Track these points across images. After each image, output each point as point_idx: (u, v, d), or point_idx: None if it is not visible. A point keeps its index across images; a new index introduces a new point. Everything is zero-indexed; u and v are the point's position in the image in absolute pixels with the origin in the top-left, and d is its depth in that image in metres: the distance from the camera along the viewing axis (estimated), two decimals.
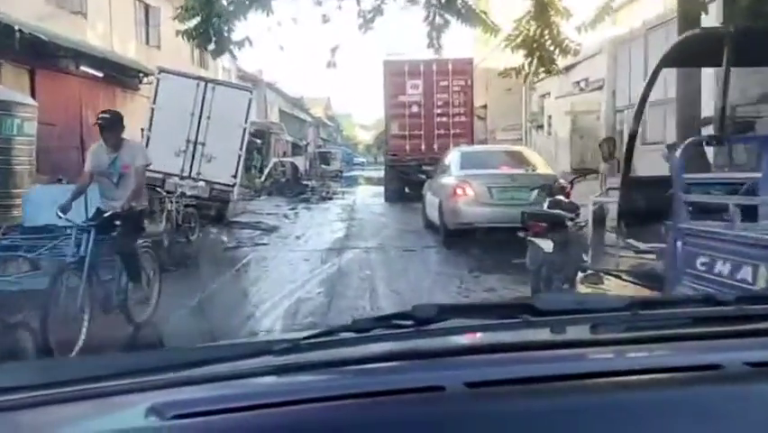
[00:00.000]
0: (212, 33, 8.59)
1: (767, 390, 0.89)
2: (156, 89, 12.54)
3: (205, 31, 8.53)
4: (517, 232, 6.22)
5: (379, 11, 8.95)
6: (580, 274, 5.26)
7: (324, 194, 23.20)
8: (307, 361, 1.00)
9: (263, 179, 23.48)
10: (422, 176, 17.81)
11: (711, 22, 8.47)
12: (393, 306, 5.67)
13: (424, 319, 1.05)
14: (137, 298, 5.37)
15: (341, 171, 38.86)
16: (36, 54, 12.30)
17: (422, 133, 18.27)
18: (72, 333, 4.51)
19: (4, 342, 4.68)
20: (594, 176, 8.19)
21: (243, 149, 12.92)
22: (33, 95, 11.78)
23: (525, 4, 8.75)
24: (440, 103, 18.31)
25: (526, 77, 8.82)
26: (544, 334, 1.13)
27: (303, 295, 6.69)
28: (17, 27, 10.82)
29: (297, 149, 37.59)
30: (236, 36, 8.75)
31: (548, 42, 8.48)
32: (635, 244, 4.70)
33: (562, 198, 6.32)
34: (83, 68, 14.45)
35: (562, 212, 5.70)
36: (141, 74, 16.68)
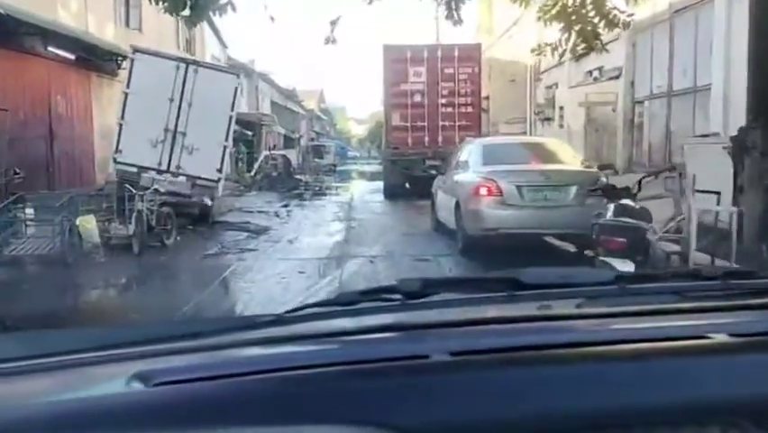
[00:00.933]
0: None
1: (752, 359, 0.89)
2: (130, 71, 11.07)
3: None
4: (541, 238, 4.81)
5: None
6: None
7: (318, 189, 21.91)
8: (291, 333, 1.01)
9: (253, 173, 22.12)
10: (426, 172, 16.52)
11: None
12: None
13: (410, 293, 1.08)
14: None
15: (335, 166, 38.04)
16: None
17: (425, 124, 16.79)
18: None
19: None
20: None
21: (230, 140, 11.47)
22: None
23: None
24: (445, 92, 16.83)
25: (562, 54, 7.41)
26: (530, 307, 1.14)
27: None
28: None
29: (290, 142, 36.96)
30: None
31: (591, 13, 7.08)
32: None
33: (629, 202, 4.91)
34: (52, 48, 12.90)
35: (641, 223, 4.30)
36: (120, 58, 15.09)
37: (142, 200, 8.55)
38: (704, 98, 12.91)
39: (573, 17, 7.22)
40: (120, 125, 11.03)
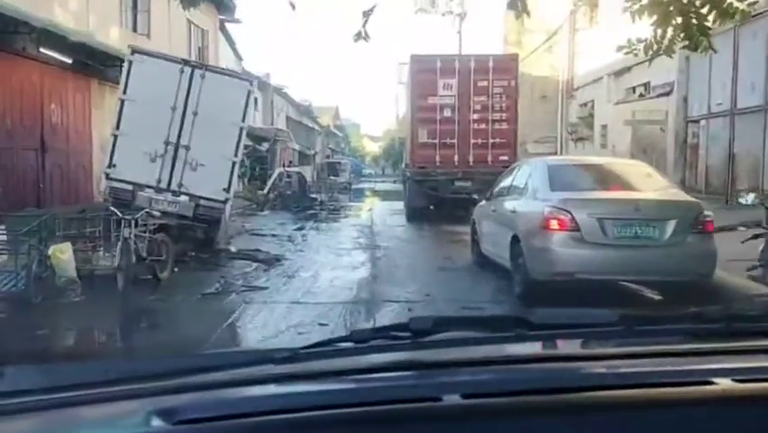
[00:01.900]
0: None
1: (754, 406, 0.89)
2: (127, 75, 9.63)
3: None
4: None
5: None
6: None
7: (334, 209, 20.49)
8: (307, 370, 1.02)
9: (266, 191, 20.66)
10: (456, 193, 14.96)
11: None
12: None
13: (421, 331, 1.08)
14: None
15: (350, 183, 36.88)
16: None
17: (455, 142, 15.22)
18: None
19: None
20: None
21: (239, 155, 9.95)
22: None
23: None
24: (478, 107, 15.27)
25: (657, 52, 5.88)
26: (538, 347, 1.17)
27: None
28: None
29: (305, 158, 35.78)
30: None
31: (698, 2, 5.55)
32: None
33: None
34: (45, 50, 11.53)
35: None
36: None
37: (130, 226, 7.03)
38: None
39: (671, 8, 5.70)
40: (114, 137, 9.58)
